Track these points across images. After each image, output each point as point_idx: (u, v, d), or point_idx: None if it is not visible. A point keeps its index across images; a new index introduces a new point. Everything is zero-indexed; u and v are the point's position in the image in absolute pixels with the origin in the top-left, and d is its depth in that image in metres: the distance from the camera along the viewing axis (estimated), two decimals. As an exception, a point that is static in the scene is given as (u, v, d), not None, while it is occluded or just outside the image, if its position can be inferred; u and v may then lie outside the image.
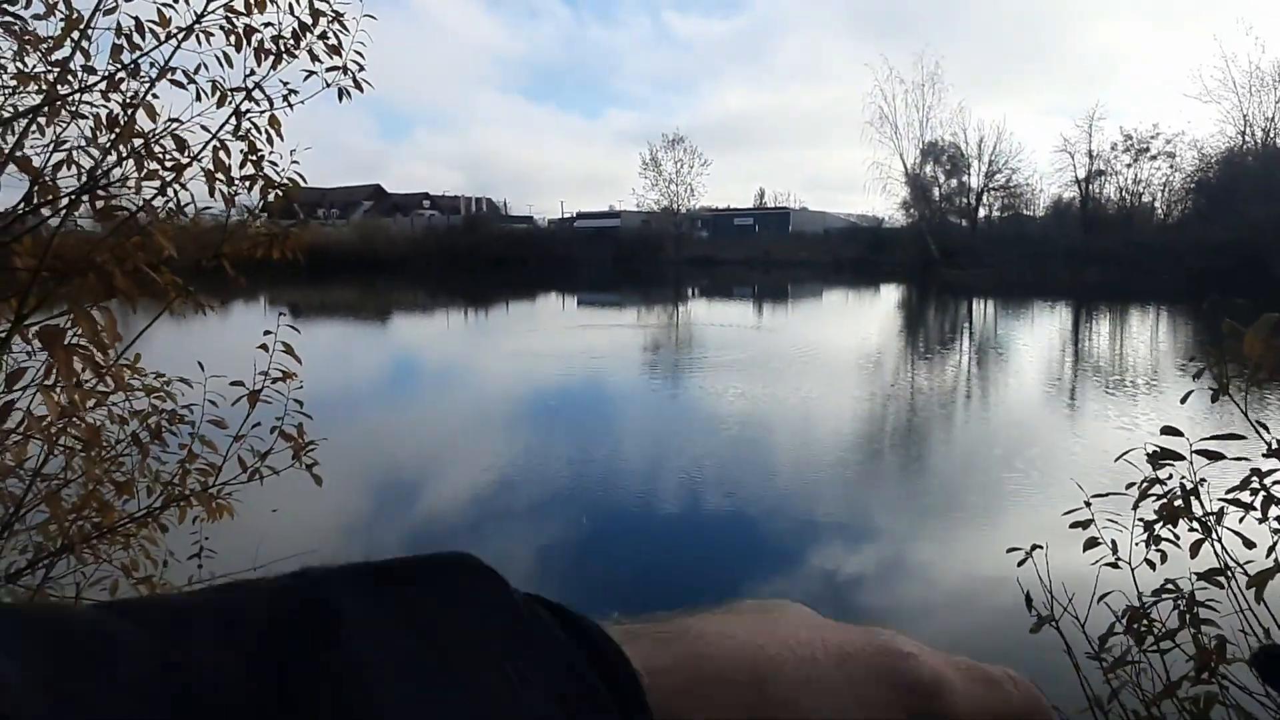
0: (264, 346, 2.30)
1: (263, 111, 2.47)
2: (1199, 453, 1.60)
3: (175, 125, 2.36)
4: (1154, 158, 46.65)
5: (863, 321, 26.57)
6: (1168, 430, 1.63)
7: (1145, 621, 1.89)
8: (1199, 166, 44.97)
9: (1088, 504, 2.20)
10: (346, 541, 5.92)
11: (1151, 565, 2.13)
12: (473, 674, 0.28)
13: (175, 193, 2.40)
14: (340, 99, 2.60)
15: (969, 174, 53.29)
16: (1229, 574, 1.84)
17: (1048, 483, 7.25)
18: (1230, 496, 1.84)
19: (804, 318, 29.19)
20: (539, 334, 22.79)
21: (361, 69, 2.58)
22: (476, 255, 48.23)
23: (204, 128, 2.45)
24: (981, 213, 53.39)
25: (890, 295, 37.72)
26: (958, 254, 46.10)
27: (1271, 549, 1.86)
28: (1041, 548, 2.02)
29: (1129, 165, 47.58)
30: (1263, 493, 1.72)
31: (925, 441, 9.76)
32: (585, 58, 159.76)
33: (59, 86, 2.42)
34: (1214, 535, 1.77)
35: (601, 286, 41.98)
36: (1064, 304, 29.72)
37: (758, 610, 0.37)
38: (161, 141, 2.34)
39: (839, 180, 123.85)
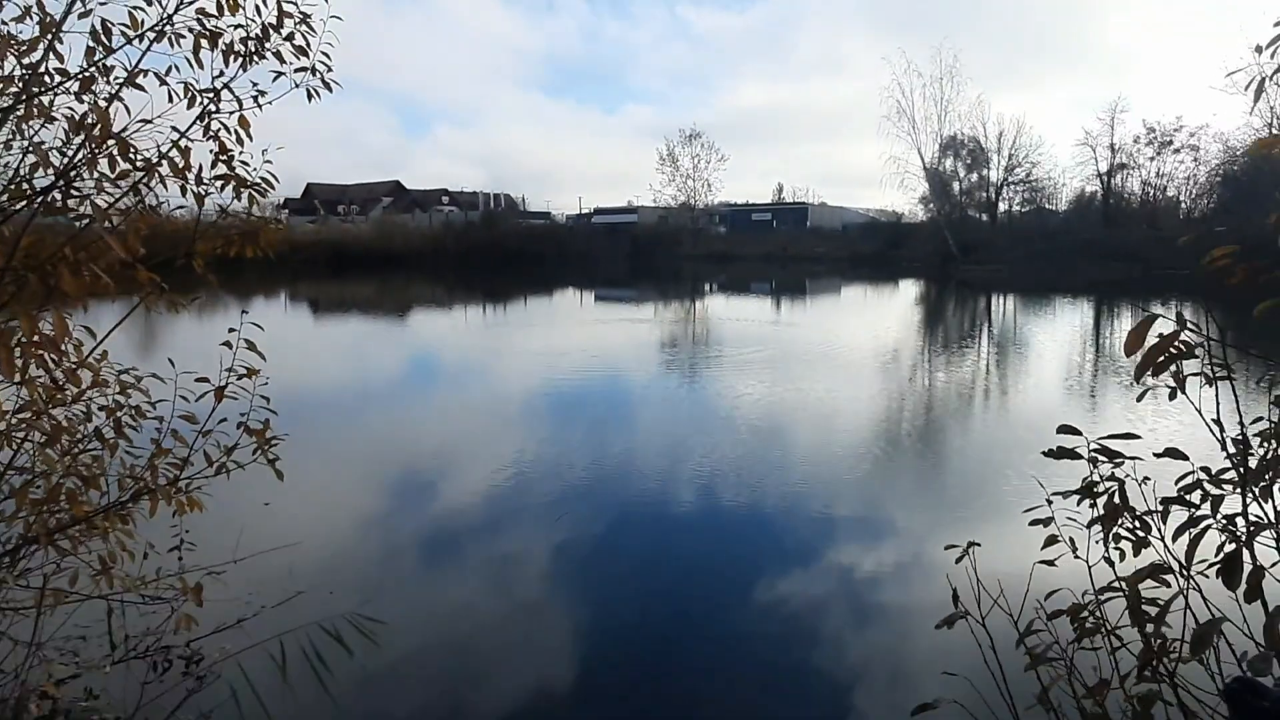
0: (227, 344, 2.34)
1: (231, 112, 2.51)
2: (1099, 452, 1.59)
3: (145, 125, 2.40)
4: (1177, 151, 46.03)
5: (881, 317, 26.40)
6: (1065, 429, 1.63)
7: (1092, 618, 1.88)
8: (1224, 160, 44.26)
9: (1049, 502, 2.19)
10: (327, 537, 5.95)
11: (1111, 564, 2.12)
12: None
13: (144, 193, 2.44)
14: (309, 99, 2.63)
15: (989, 168, 52.77)
16: (1174, 572, 1.83)
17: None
18: (1176, 496, 1.84)
19: (823, 313, 29.05)
20: (556, 330, 22.85)
21: (329, 69, 2.61)
22: (494, 251, 48.45)
23: (175, 128, 2.49)
24: (1001, 207, 52.87)
25: (909, 291, 37.43)
26: (977, 249, 45.67)
27: (1220, 547, 1.85)
28: (978, 545, 2.02)
29: (1152, 159, 46.97)
30: (1200, 490, 1.71)
31: (945, 441, 9.70)
32: (602, 53, 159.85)
33: (32, 87, 2.47)
34: (1156, 533, 1.77)
35: (619, 282, 42.01)
36: (1085, 299, 29.36)
37: None
38: (132, 140, 2.38)
39: (857, 175, 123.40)
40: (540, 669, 4.14)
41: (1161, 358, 1.31)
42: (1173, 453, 1.94)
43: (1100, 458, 1.70)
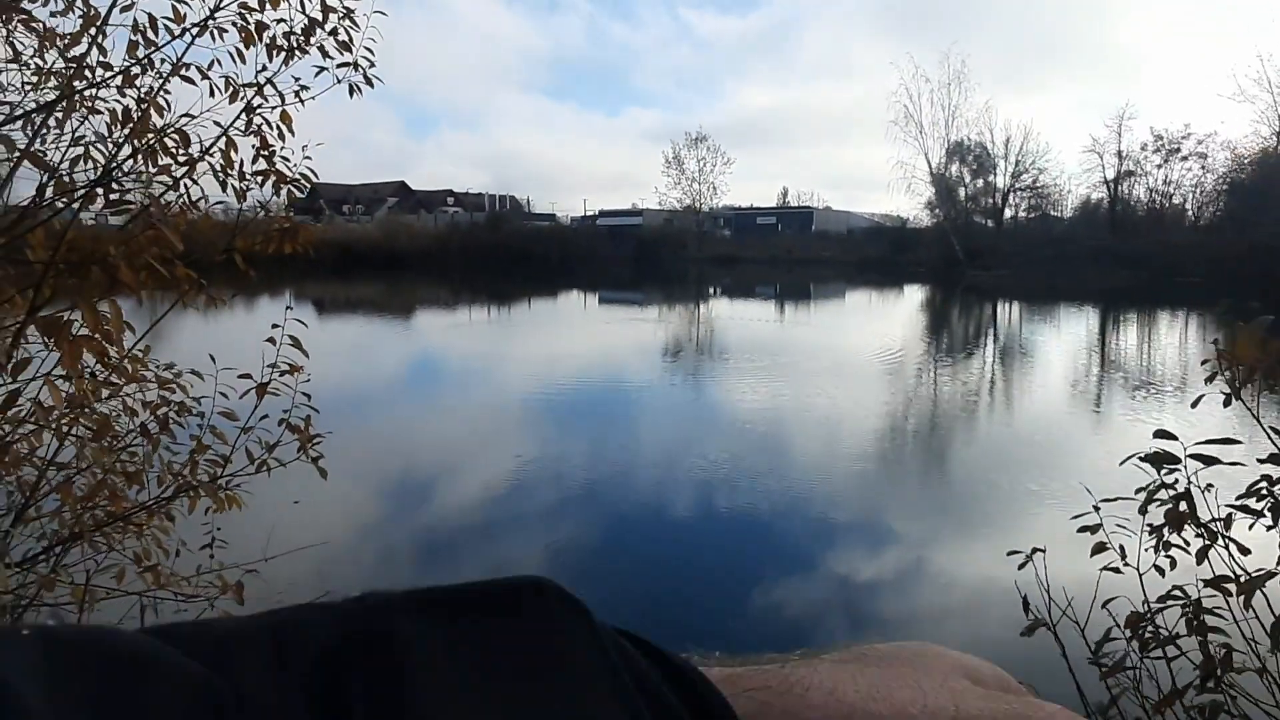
0: (271, 340, 2.32)
1: (274, 107, 2.50)
2: (1194, 457, 1.57)
3: (188, 120, 2.39)
4: (1185, 158, 45.92)
5: (885, 323, 26.37)
6: (1161, 434, 1.60)
7: (1150, 627, 1.86)
8: (1232, 168, 44.19)
9: (1096, 509, 2.16)
10: (358, 536, 5.96)
11: (1161, 571, 2.10)
12: (552, 716, 0.25)
13: (187, 187, 2.43)
14: (351, 95, 2.62)
15: (995, 173, 52.71)
16: (1237, 580, 1.80)
17: (1068, 489, 7.16)
18: (1239, 503, 1.81)
19: (826, 318, 29.03)
20: (561, 332, 22.85)
21: (372, 65, 2.60)
22: (500, 252, 48.44)
23: (217, 123, 2.48)
24: (1008, 213, 52.78)
25: (914, 296, 37.40)
26: (983, 255, 45.62)
27: (1281, 556, 1.83)
28: (1042, 551, 1.99)
29: (1159, 166, 46.87)
30: (1271, 499, 1.68)
31: (949, 447, 9.67)
32: (605, 55, 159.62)
33: (75, 82, 2.46)
34: (1220, 541, 1.74)
35: (624, 284, 42.01)
36: (1091, 307, 29.32)
37: (884, 659, 0.33)
38: (174, 136, 2.37)
39: (863, 179, 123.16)
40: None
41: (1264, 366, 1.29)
42: (1205, 458, 1.91)
43: (1170, 465, 1.67)
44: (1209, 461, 1.54)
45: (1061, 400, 12.34)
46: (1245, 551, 1.65)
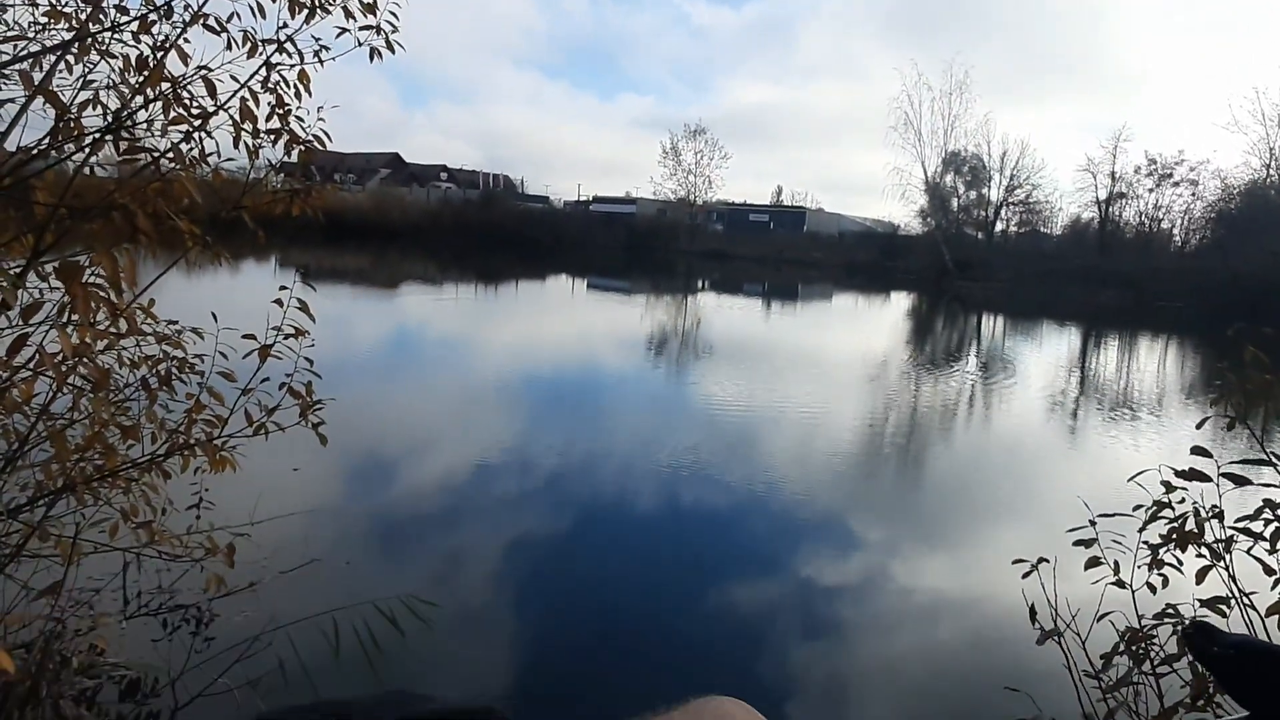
0: (279, 301, 2.28)
1: (293, 65, 2.45)
2: (1227, 476, 1.58)
3: (204, 72, 2.34)
4: (1177, 184, 46.35)
5: (870, 329, 26.49)
6: (1197, 450, 1.61)
7: (1145, 644, 1.87)
8: (1221, 196, 44.66)
9: (1093, 523, 2.18)
10: (343, 504, 5.93)
11: (1152, 589, 2.12)
12: None
13: (200, 140, 2.38)
14: (371, 59, 2.57)
15: (989, 186, 53.01)
16: (1234, 602, 1.82)
17: (1046, 507, 7.23)
18: (1241, 525, 1.83)
19: (811, 320, 29.11)
20: (545, 316, 22.78)
21: (395, 30, 2.55)
22: (491, 231, 48.16)
23: (233, 77, 2.42)
24: (998, 227, 53.13)
25: (900, 303, 37.57)
26: (972, 266, 45.89)
27: (1278, 581, 1.85)
28: (1048, 561, 2.00)
29: (1151, 190, 47.30)
30: (1275, 523, 1.69)
31: (928, 460, 9.73)
32: (603, 37, 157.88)
33: (90, 24, 2.40)
34: (1223, 562, 1.75)
35: (613, 272, 41.90)
36: (1074, 326, 29.58)
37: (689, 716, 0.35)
38: (189, 88, 2.32)
39: (857, 182, 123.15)
40: (540, 640, 4.12)
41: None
42: (1236, 478, 1.93)
43: (1179, 484, 1.68)
44: (1240, 481, 1.54)
45: (1037, 417, 12.45)
46: (1270, 572, 1.66)
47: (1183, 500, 1.79)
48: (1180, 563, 2.04)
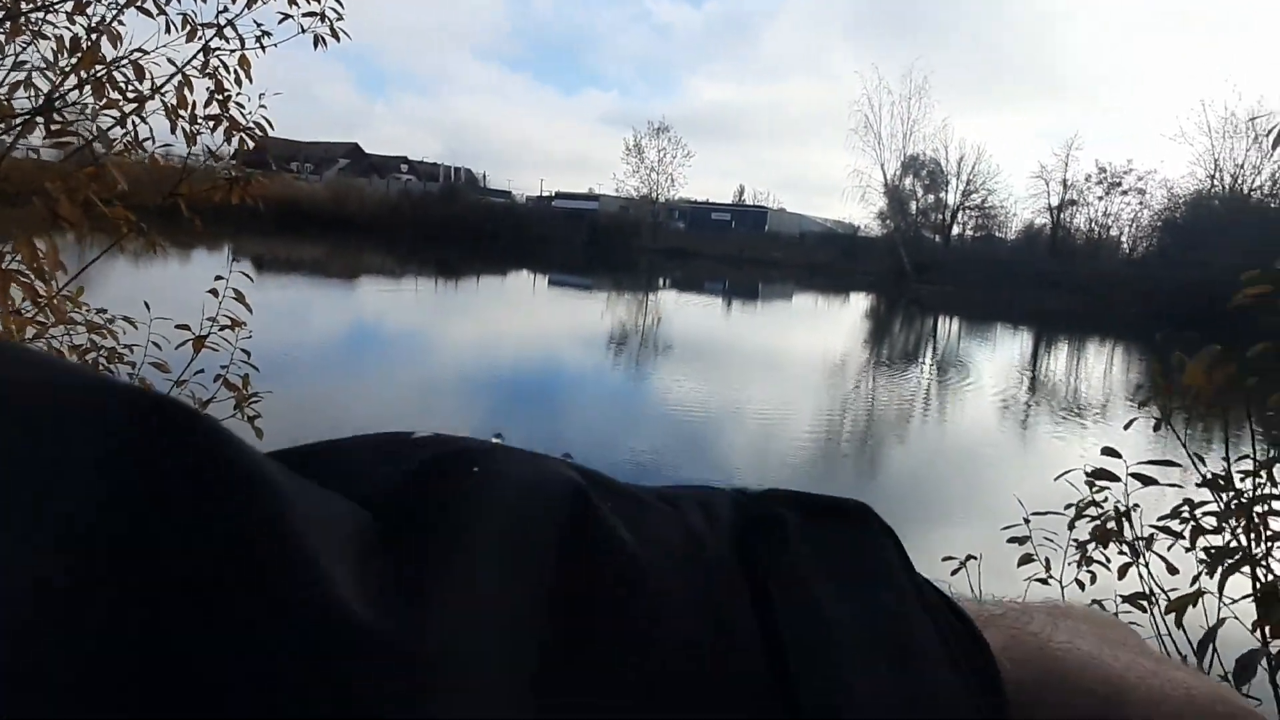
0: (214, 291, 2.23)
1: (233, 50, 2.40)
2: (1135, 476, 1.63)
3: (140, 55, 2.28)
4: (1125, 193, 47.55)
5: (829, 330, 26.81)
6: (1108, 451, 1.66)
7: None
8: (1167, 205, 45.98)
9: (1026, 521, 2.24)
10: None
11: (1081, 585, 2.18)
12: (890, 617, 0.29)
13: (134, 125, 2.32)
14: (315, 46, 2.53)
15: (946, 190, 53.89)
16: (1153, 599, 1.88)
17: (990, 505, 7.39)
18: (1161, 524, 1.89)
19: (771, 320, 29.36)
20: (505, 311, 22.66)
21: (340, 17, 2.51)
22: (452, 225, 47.67)
23: (171, 61, 2.37)
24: (955, 230, 54.08)
25: (859, 304, 38.07)
26: (929, 269, 46.64)
27: (1196, 577, 1.91)
28: (976, 558, 2.05)
29: (1100, 198, 48.47)
30: (1192, 522, 1.75)
31: (881, 459, 9.88)
32: (566, 29, 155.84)
33: (21, 3, 2.32)
34: (1142, 560, 1.81)
35: (574, 269, 41.78)
36: (1026, 329, 30.24)
37: (1092, 619, 0.36)
38: (124, 70, 2.26)
39: (819, 183, 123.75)
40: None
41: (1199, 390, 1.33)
42: (1143, 478, 1.99)
43: (1103, 483, 1.73)
44: (1146, 481, 1.59)
45: (989, 417, 12.71)
46: (1173, 571, 1.72)
47: (1105, 499, 1.84)
48: (1108, 560, 2.09)
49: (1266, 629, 1.56)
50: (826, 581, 0.29)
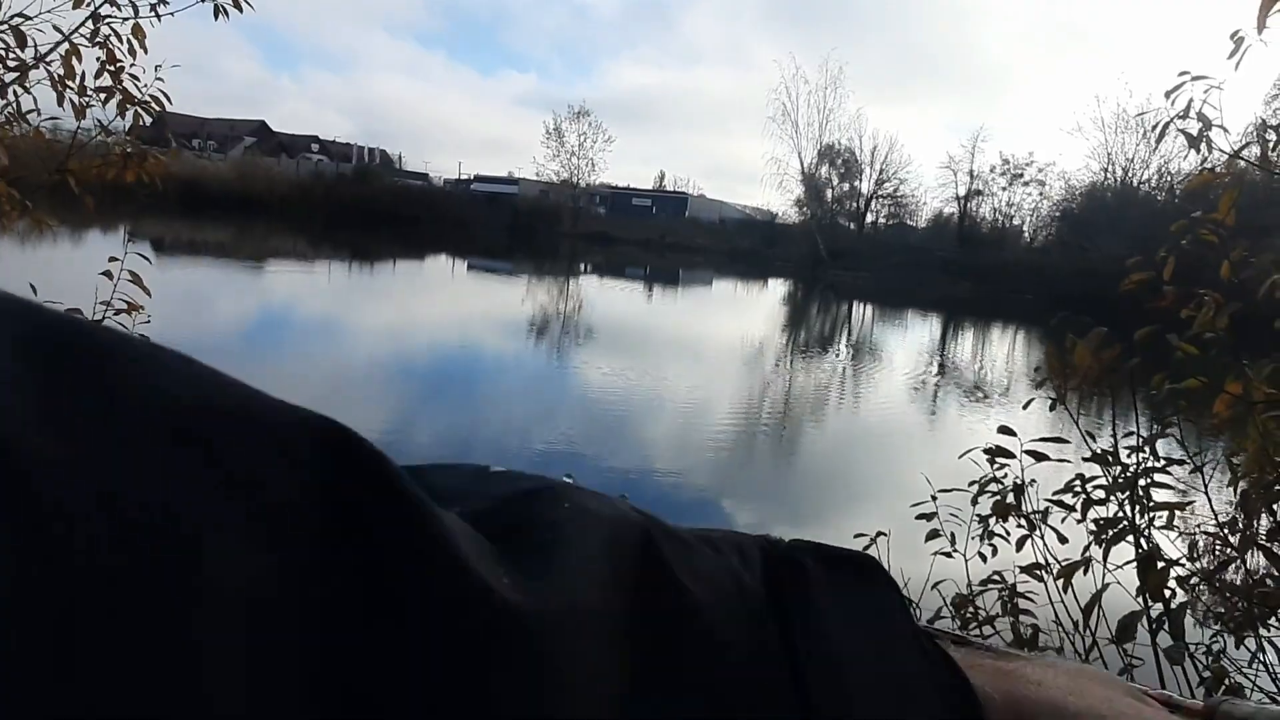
0: (108, 274, 2.12)
1: (125, 19, 2.27)
2: (1028, 452, 1.71)
3: (21, 20, 2.13)
4: (1027, 184, 49.67)
5: (747, 315, 27.23)
6: (1004, 430, 1.74)
7: (971, 608, 2.02)
8: (1065, 196, 48.27)
9: (934, 498, 2.33)
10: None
11: (983, 558, 2.29)
12: (895, 663, 0.34)
13: (17, 96, 2.17)
14: (216, 17, 2.41)
15: (860, 179, 55.29)
16: (1047, 568, 1.99)
17: (903, 480, 7.65)
18: (1055, 498, 2.00)
19: (691, 305, 29.64)
20: (423, 295, 22.20)
21: (244, -13, 2.40)
22: (367, 207, 46.34)
23: (56, 28, 2.22)
24: (869, 218, 55.55)
25: (777, 290, 38.78)
26: (844, 256, 47.82)
27: (1086, 547, 2.03)
28: (886, 534, 2.12)
29: (1004, 188, 50.51)
30: (1083, 495, 1.86)
31: (797, 441, 10.11)
32: (479, 7, 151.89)
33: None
34: (1038, 532, 1.91)
35: (495, 253, 41.23)
36: (935, 314, 31.37)
37: (1067, 670, 0.39)
38: (3, 37, 2.11)
39: (738, 170, 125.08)
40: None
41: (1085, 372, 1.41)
42: (1036, 454, 2.10)
43: (1001, 460, 1.82)
44: (1039, 457, 1.68)
45: (900, 399, 13.16)
46: (1064, 540, 1.82)
47: (1005, 475, 1.94)
48: (1009, 534, 2.20)
49: (1146, 593, 1.68)
50: (842, 624, 0.33)
